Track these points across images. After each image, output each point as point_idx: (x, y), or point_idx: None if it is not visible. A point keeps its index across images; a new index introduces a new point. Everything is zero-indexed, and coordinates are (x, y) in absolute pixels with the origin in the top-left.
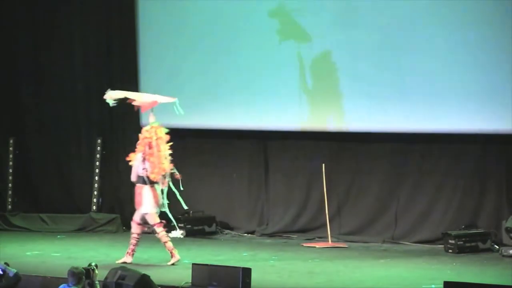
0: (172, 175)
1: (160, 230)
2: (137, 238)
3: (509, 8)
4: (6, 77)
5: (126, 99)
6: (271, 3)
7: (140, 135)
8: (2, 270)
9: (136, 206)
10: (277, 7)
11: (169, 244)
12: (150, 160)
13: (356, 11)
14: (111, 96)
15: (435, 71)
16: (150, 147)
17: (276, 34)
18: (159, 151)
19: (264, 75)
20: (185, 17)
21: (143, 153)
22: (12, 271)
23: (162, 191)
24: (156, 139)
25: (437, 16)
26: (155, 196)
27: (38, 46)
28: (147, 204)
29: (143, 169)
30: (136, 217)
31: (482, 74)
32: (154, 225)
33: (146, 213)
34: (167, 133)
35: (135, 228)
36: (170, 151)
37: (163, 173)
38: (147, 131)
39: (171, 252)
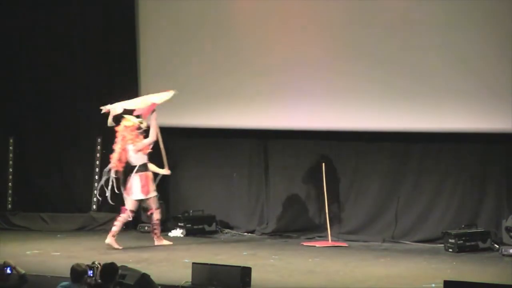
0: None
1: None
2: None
3: (509, 7)
4: (6, 77)
5: (125, 111)
6: (272, 3)
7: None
8: (10, 270)
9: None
10: (277, 7)
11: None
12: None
13: (357, 10)
14: (111, 111)
15: (435, 70)
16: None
17: (276, 35)
18: (116, 143)
19: (264, 75)
20: (186, 17)
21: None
22: (20, 272)
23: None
24: (117, 132)
25: (437, 15)
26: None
27: (38, 46)
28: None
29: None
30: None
31: (482, 74)
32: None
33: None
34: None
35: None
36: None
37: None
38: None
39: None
